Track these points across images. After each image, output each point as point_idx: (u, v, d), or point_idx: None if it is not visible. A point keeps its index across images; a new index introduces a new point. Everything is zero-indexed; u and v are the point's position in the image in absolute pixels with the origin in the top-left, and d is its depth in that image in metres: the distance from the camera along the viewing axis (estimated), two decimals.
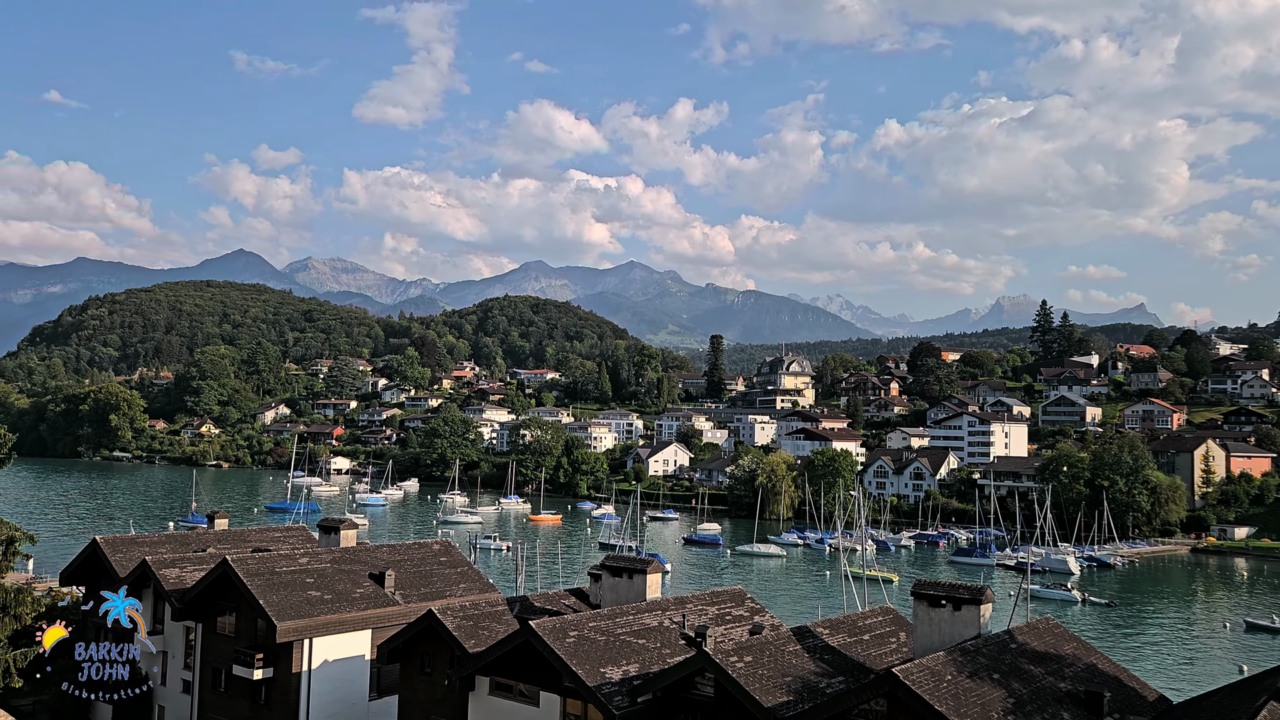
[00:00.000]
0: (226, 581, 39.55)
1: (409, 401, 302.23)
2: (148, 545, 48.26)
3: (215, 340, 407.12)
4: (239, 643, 39.82)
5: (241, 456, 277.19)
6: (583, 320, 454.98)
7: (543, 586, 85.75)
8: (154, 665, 43.81)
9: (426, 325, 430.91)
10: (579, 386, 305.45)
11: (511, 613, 36.77)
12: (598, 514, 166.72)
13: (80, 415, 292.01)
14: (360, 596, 41.15)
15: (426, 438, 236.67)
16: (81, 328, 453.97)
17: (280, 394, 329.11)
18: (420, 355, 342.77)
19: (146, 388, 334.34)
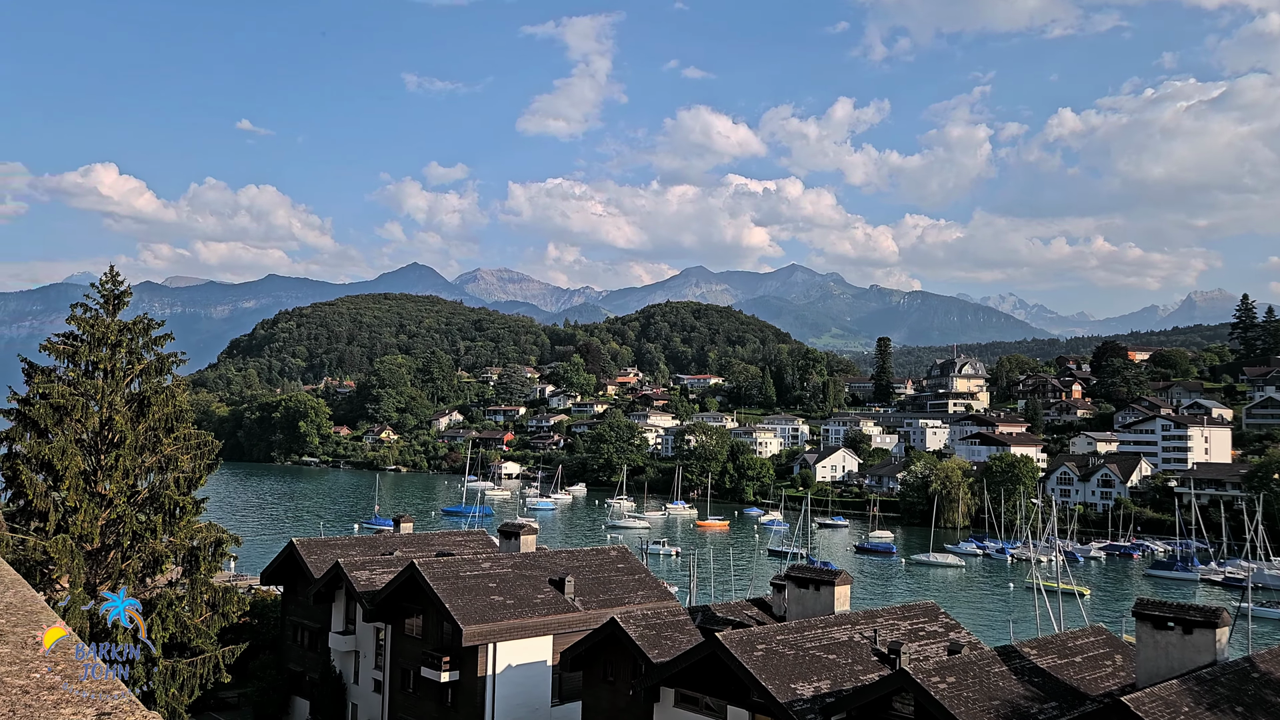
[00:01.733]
0: (414, 585, 40.36)
1: (575, 407, 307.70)
2: (339, 548, 50.06)
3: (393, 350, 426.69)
4: (426, 645, 40.56)
5: (418, 461, 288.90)
6: (745, 325, 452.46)
7: (715, 594, 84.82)
8: (348, 664, 45.27)
9: (590, 332, 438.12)
10: (742, 391, 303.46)
11: (694, 623, 35.92)
12: (765, 520, 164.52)
13: (273, 422, 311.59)
14: (541, 602, 41.22)
15: (593, 443, 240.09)
16: (273, 340, 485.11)
17: (453, 401, 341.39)
18: (585, 362, 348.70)
19: (331, 396, 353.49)
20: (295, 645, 48.59)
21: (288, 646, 49.05)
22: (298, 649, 48.41)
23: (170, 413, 34.82)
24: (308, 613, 47.34)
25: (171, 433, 34.85)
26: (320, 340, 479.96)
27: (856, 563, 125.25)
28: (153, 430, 34.67)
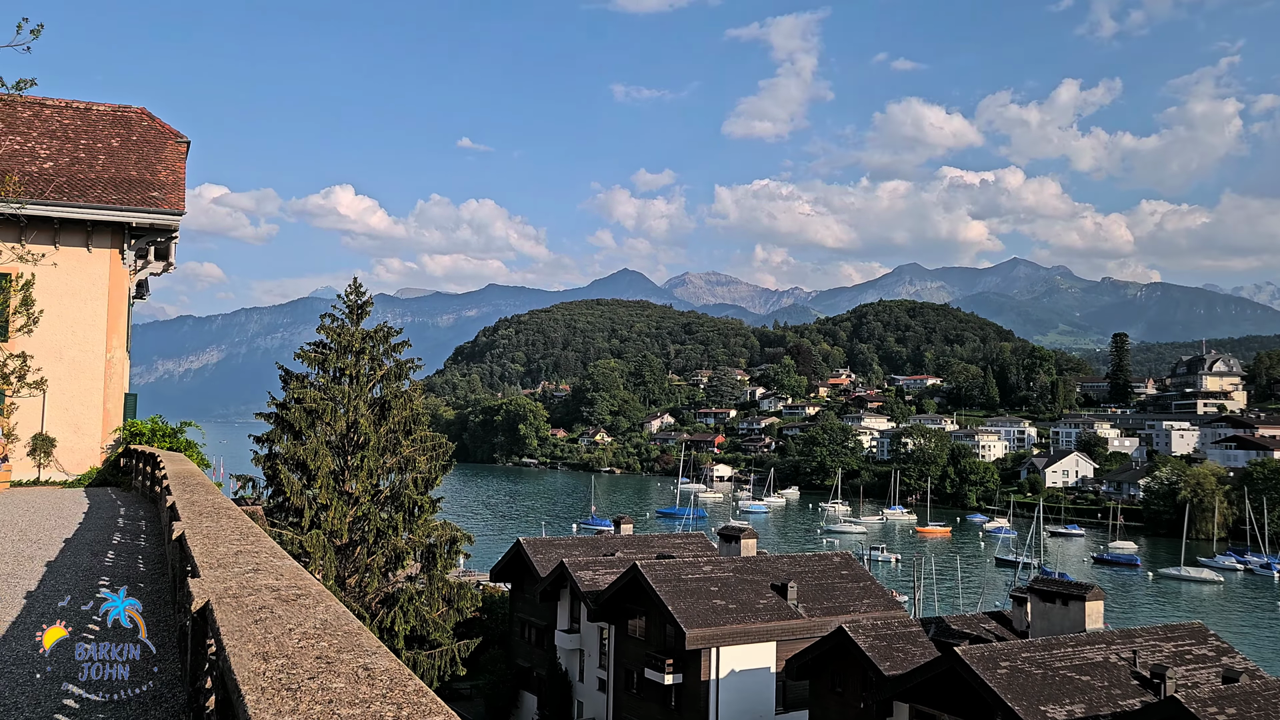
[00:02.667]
0: (637, 586, 40.54)
1: (786, 410, 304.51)
2: (563, 547, 51.17)
3: (605, 354, 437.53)
4: (649, 646, 40.64)
5: (631, 463, 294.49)
6: (963, 323, 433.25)
7: (940, 604, 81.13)
8: (573, 662, 46.10)
9: (800, 334, 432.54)
10: (962, 392, 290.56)
11: (927, 635, 34.11)
12: (990, 527, 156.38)
13: (495, 425, 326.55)
14: (764, 607, 40.43)
15: (805, 446, 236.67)
16: (493, 346, 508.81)
17: (665, 404, 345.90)
18: (796, 364, 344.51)
19: (548, 399, 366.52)
20: (523, 641, 50.06)
21: (516, 642, 50.61)
22: (525, 645, 49.85)
23: (408, 416, 36.59)
24: (534, 610, 48.64)
25: (410, 435, 36.62)
26: (537, 346, 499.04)
27: (1095, 575, 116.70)
28: (393, 433, 36.54)
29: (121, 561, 11.97)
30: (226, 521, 6.29)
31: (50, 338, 23.53)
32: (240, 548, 4.77)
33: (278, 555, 4.56)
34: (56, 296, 23.68)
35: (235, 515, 6.80)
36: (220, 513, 6.90)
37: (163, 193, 24.76)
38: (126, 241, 25.01)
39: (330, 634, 3.05)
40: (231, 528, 5.92)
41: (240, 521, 6.36)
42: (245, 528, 5.87)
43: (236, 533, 5.49)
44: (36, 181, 23.94)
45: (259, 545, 4.92)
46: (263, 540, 5.18)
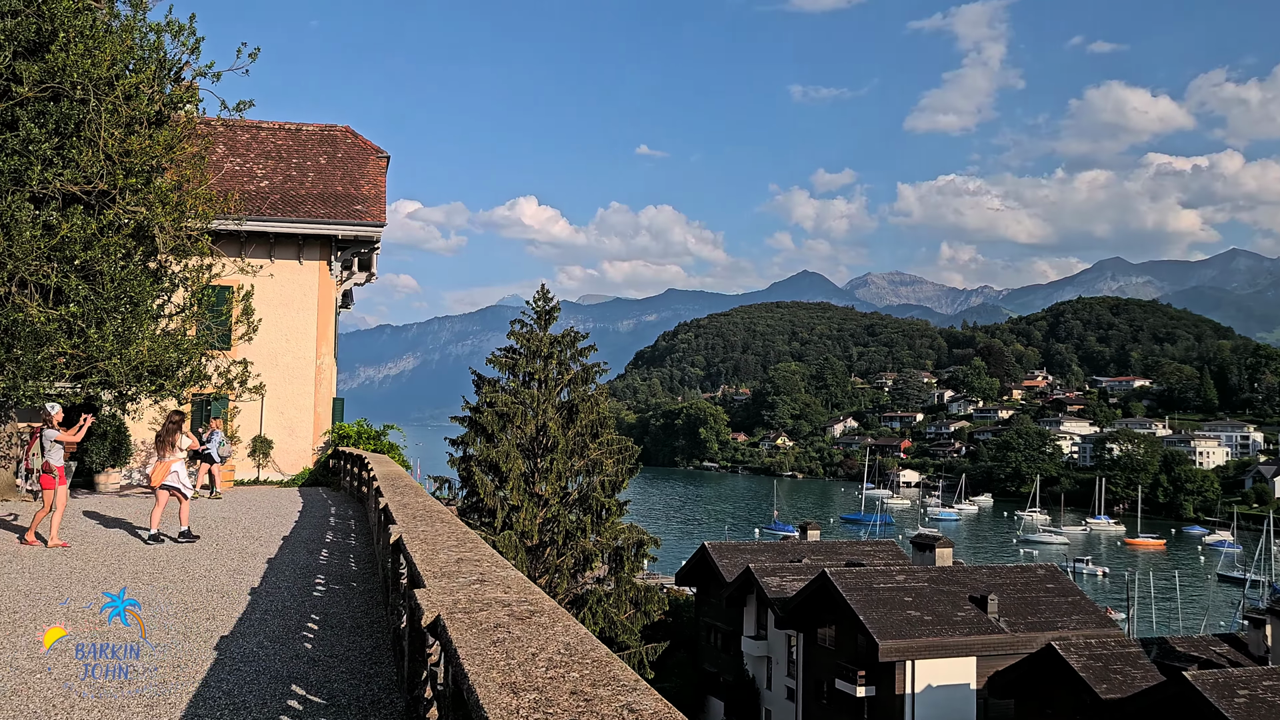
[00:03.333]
0: (826, 594, 39.47)
1: (977, 413, 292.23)
2: (749, 552, 50.57)
3: (785, 357, 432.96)
4: (840, 657, 39.47)
5: (814, 467, 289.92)
6: (1174, 320, 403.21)
7: (1156, 623, 75.45)
8: (760, 669, 45.45)
9: (991, 334, 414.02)
10: (1175, 394, 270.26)
11: (1148, 656, 31.53)
12: (1211, 540, 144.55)
13: (675, 429, 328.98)
14: (962, 620, 38.52)
15: (998, 451, 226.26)
16: (673, 351, 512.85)
17: (847, 407, 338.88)
18: (986, 365, 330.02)
19: (728, 403, 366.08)
20: (709, 646, 49.76)
21: (702, 647, 50.37)
22: (711, 650, 49.53)
23: (595, 419, 37.00)
24: (720, 615, 48.26)
25: (596, 438, 37.02)
26: (717, 349, 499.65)
27: None
28: (580, 436, 37.03)
29: (335, 560, 12.38)
30: (441, 526, 6.18)
31: (266, 345, 25.06)
32: (460, 555, 4.57)
33: (500, 565, 4.32)
34: (272, 306, 25.20)
35: (448, 520, 6.71)
36: (433, 516, 6.84)
37: (365, 206, 25.94)
38: (333, 253, 26.36)
39: (579, 662, 2.71)
40: (447, 532, 5.78)
41: (454, 526, 6.24)
42: (461, 533, 5.72)
43: (453, 538, 5.33)
44: (254, 200, 25.58)
45: (479, 553, 4.69)
46: (481, 547, 4.97)
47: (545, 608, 3.29)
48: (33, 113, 13.32)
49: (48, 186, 13.31)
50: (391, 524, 6.59)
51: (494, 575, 3.92)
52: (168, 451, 13.97)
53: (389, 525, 6.70)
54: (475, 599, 3.40)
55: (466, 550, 4.81)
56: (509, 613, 3.15)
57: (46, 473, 12.52)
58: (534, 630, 2.97)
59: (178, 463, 14.02)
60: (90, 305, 14.05)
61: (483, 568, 4.13)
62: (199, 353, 17.01)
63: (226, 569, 11.33)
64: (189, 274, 17.08)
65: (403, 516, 6.78)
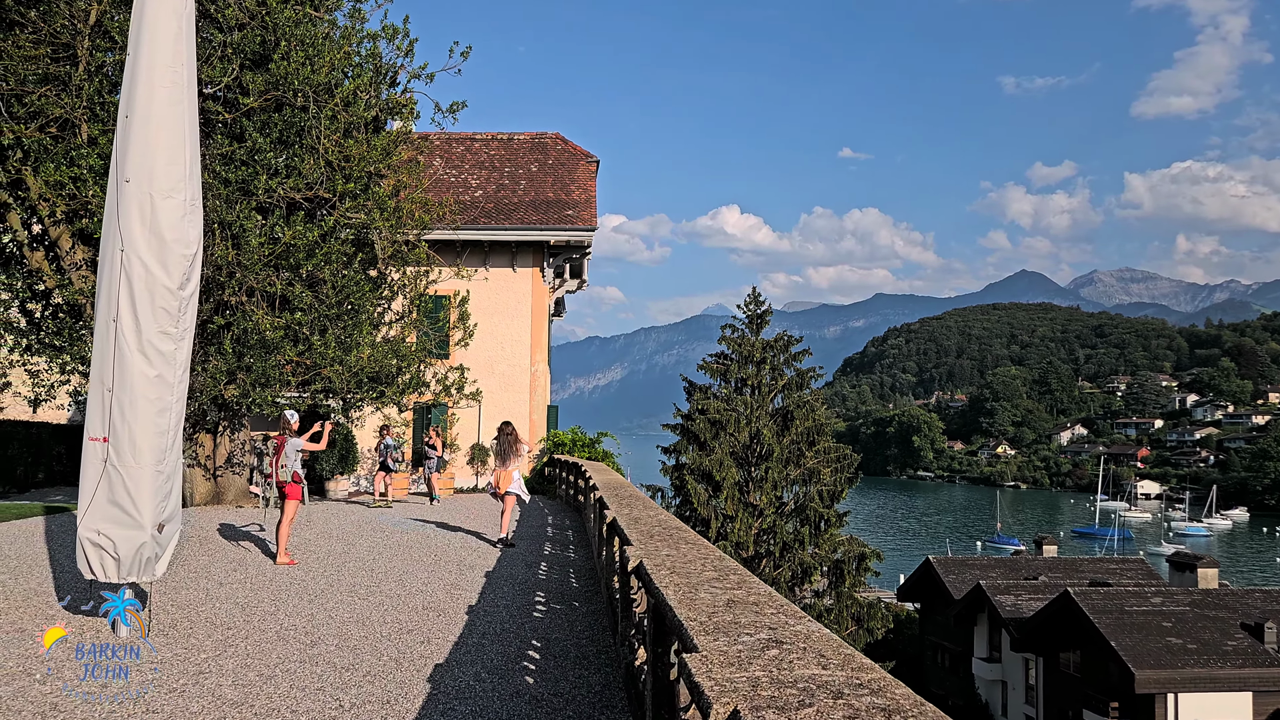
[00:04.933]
0: (1069, 615, 36.15)
1: (1226, 419, 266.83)
2: (977, 568, 47.37)
3: (1004, 362, 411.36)
4: (1087, 685, 36.02)
5: (1038, 477, 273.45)
6: None
7: None
8: (994, 694, 42.35)
9: (1240, 332, 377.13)
10: None
11: None
12: None
13: (886, 437, 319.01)
14: (1233, 650, 34.24)
15: (1253, 459, 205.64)
16: (883, 357, 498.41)
17: (1075, 413, 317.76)
18: (1237, 366, 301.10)
19: (943, 410, 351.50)
20: (935, 666, 46.90)
21: (927, 667, 47.56)
22: (938, 670, 46.66)
23: (811, 426, 35.43)
24: (947, 634, 45.36)
25: (813, 446, 35.42)
26: (929, 355, 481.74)
27: None
28: (795, 443, 35.55)
29: (554, 575, 11.68)
30: (688, 548, 5.08)
31: (482, 353, 25.20)
32: (730, 594, 3.45)
33: (792, 613, 3.14)
34: (487, 314, 25.33)
35: (693, 540, 5.60)
36: (673, 535, 5.75)
37: (576, 211, 25.69)
38: (546, 259, 26.26)
39: None
40: (696, 556, 4.69)
41: (705, 549, 5.12)
42: (717, 560, 4.58)
43: (711, 567, 4.23)
44: (469, 209, 25.84)
45: (753, 591, 3.53)
46: (753, 583, 3.79)
47: (902, 703, 2.09)
48: (258, 123, 13.46)
49: (273, 195, 13.40)
50: (626, 544, 5.55)
51: (790, 631, 2.78)
52: (512, 460, 14.89)
53: (624, 546, 5.61)
54: (782, 678, 2.28)
55: (734, 586, 3.68)
56: (847, 713, 1.98)
57: (296, 482, 12.27)
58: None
59: (517, 471, 14.95)
60: (314, 313, 14.09)
61: (765, 615, 3.01)
62: (418, 359, 16.95)
63: (444, 584, 10.78)
64: (407, 280, 17.06)
65: (637, 534, 5.74)
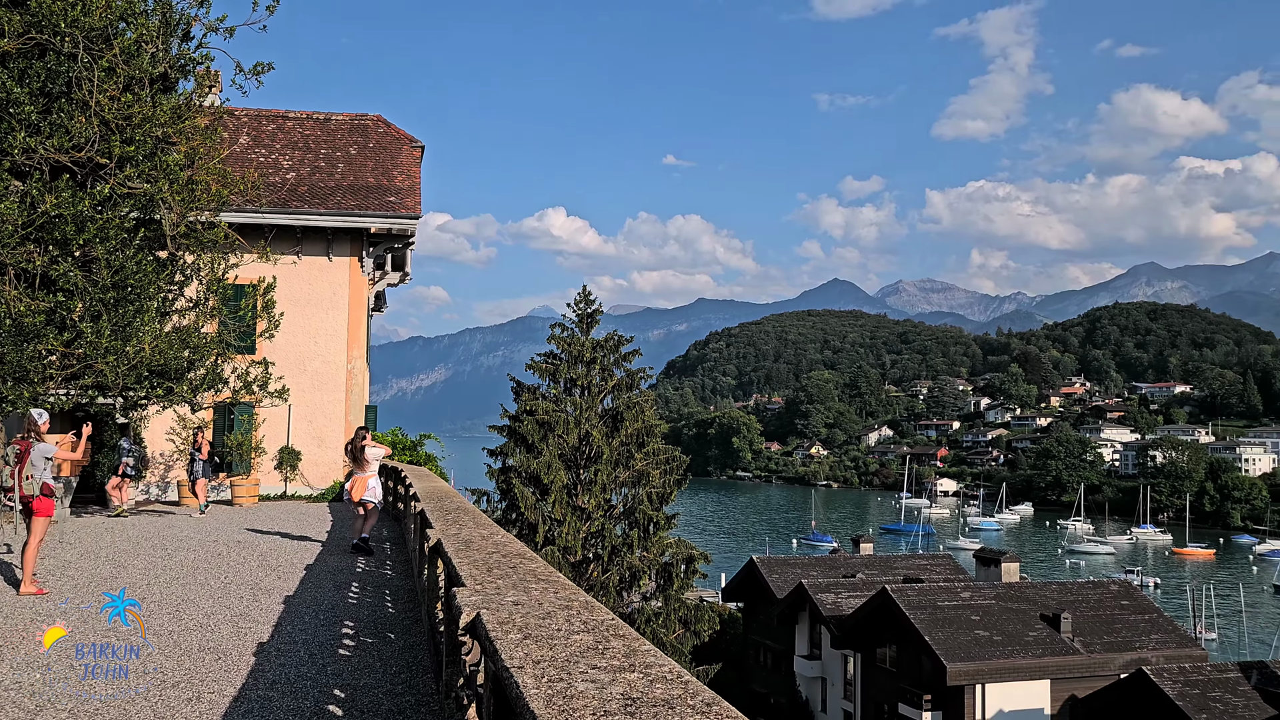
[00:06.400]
0: (887, 612, 37.08)
1: (1014, 421, 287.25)
2: (799, 567, 48.21)
3: (818, 366, 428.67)
4: (902, 679, 37.03)
5: (849, 477, 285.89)
6: (1213, 325, 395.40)
7: (1219, 642, 72.18)
8: (814, 691, 43.08)
9: (1026, 340, 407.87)
10: (1218, 400, 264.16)
11: (1249, 683, 28.89)
12: (1263, 550, 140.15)
13: (708, 438, 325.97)
14: (1034, 640, 35.95)
15: (1038, 459, 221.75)
16: (704, 360, 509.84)
17: (882, 416, 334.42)
18: (1024, 372, 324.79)
19: (761, 412, 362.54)
20: (758, 666, 47.42)
21: (750, 666, 48.03)
22: (761, 670, 47.18)
23: (641, 428, 34.87)
24: (770, 633, 45.93)
25: (643, 448, 34.88)
26: (748, 358, 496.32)
27: None
28: (625, 445, 34.91)
29: (367, 598, 10.24)
30: (541, 590, 3.73)
31: (293, 348, 23.16)
32: (620, 683, 2.35)
33: (689, 691, 2.16)
34: (299, 306, 23.31)
35: (544, 574, 4.25)
36: (517, 567, 4.43)
37: (399, 197, 24.02)
38: (365, 249, 24.44)
39: None
40: (557, 604, 3.37)
41: (562, 590, 3.81)
42: (580, 605, 3.33)
43: (579, 623, 2.98)
44: (280, 192, 23.72)
45: (651, 668, 2.46)
46: (645, 653, 2.73)
47: None
48: (15, 71, 11.42)
49: (32, 156, 11.38)
50: (455, 582, 4.29)
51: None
52: (367, 466, 14.47)
53: (453, 587, 4.24)
54: None
55: (622, 664, 2.53)
56: None
57: (46, 496, 10.26)
58: None
59: (373, 478, 14.52)
60: (86, 297, 12.11)
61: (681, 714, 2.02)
62: (214, 352, 15.04)
63: (231, 614, 9.12)
64: (203, 264, 15.13)
65: (470, 565, 4.48)
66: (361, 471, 14.44)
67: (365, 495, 14.26)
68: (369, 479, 14.38)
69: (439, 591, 6.47)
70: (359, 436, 14.72)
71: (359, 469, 14.51)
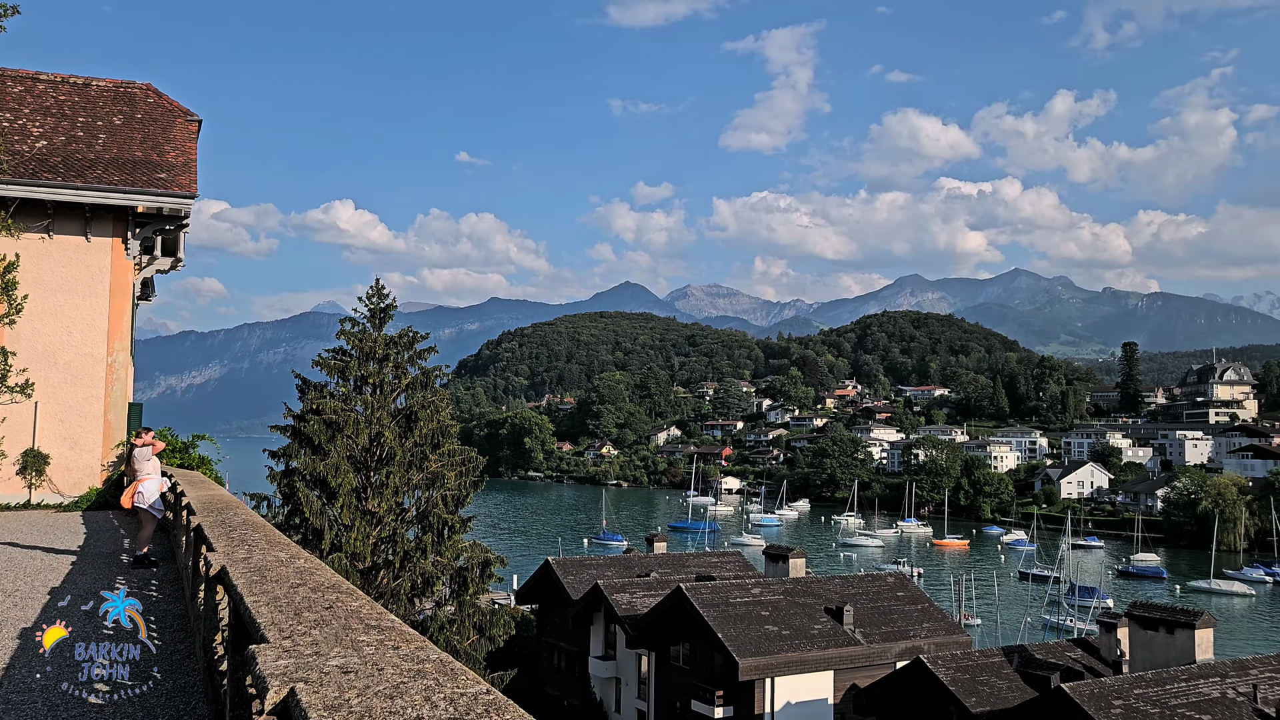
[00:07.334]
0: (681, 610, 37.46)
1: (794, 421, 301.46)
2: (595, 567, 48.06)
3: (609, 367, 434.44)
4: (695, 676, 37.51)
5: (639, 476, 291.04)
6: (967, 333, 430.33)
7: (981, 627, 78.10)
8: (608, 691, 42.98)
9: (805, 345, 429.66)
10: (971, 403, 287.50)
11: (1011, 666, 31.00)
12: (1008, 540, 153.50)
13: (500, 439, 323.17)
14: (819, 633, 37.32)
15: (814, 457, 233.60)
16: (497, 360, 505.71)
17: (671, 416, 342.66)
18: (803, 375, 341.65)
19: (553, 413, 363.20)
20: (552, 668, 46.90)
21: (544, 669, 47.45)
22: (555, 673, 46.69)
23: (436, 428, 33.55)
24: (565, 635, 45.52)
25: (438, 448, 33.56)
26: (541, 359, 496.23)
27: (1119, 588, 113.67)
28: (419, 446, 33.48)
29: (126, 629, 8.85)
30: (376, 646, 2.88)
31: (42, 338, 20.50)
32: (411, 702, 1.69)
33: None
34: (50, 291, 20.66)
35: (374, 618, 3.32)
36: (334, 606, 3.48)
37: (171, 175, 21.76)
38: (131, 230, 22.01)
39: None
40: (392, 656, 2.67)
41: (405, 640, 3.11)
42: (437, 662, 2.73)
43: (415, 673, 2.34)
44: (28, 162, 20.96)
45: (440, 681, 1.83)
46: (457, 674, 2.08)
47: None
48: None
49: None
50: (249, 636, 3.12)
51: None
52: (146, 472, 13.69)
53: (249, 645, 3.11)
54: None
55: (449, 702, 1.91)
56: None
57: None
58: None
59: (150, 482, 13.67)
60: None
61: None
62: None
63: None
64: None
65: (270, 607, 3.35)
66: (139, 478, 13.63)
67: (139, 502, 13.39)
68: (141, 484, 13.53)
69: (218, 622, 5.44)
70: (134, 440, 14.08)
71: (136, 475, 13.71)
